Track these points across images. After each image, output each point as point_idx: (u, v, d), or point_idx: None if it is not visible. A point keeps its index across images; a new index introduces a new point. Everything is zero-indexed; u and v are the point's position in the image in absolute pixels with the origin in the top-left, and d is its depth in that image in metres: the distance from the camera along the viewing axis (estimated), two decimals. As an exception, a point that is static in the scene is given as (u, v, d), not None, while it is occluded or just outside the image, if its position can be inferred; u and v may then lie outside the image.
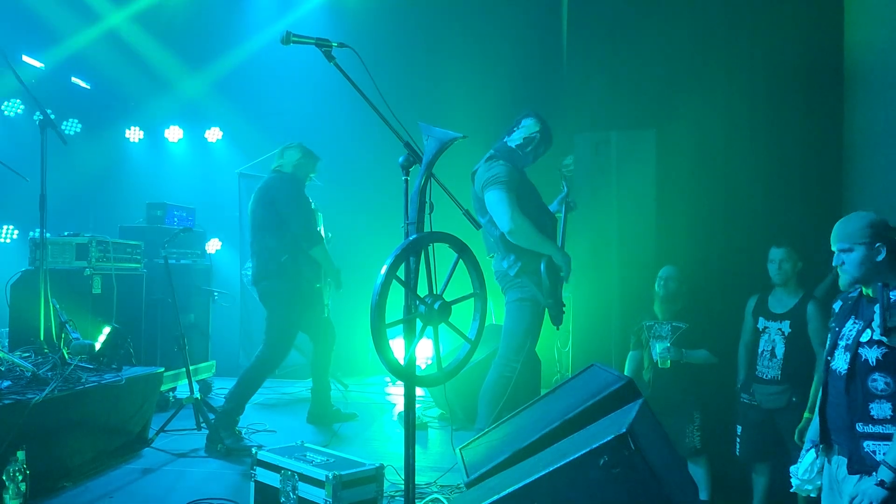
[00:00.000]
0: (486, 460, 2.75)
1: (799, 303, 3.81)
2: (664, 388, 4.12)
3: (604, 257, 5.23)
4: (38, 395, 3.42)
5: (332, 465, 3.04)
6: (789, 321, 3.80)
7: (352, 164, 7.41)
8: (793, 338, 3.76)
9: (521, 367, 4.09)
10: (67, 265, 4.98)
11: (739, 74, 4.91)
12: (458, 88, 7.11)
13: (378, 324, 2.25)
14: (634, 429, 2.03)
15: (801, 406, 3.59)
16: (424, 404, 5.74)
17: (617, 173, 5.26)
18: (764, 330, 3.90)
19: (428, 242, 2.45)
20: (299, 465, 3.05)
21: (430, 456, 4.62)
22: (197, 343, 6.02)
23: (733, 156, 4.92)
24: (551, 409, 2.92)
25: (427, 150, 2.49)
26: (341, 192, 7.14)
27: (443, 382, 2.50)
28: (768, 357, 3.84)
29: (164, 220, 6.05)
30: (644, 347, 4.34)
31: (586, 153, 5.46)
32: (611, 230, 5.25)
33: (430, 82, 7.36)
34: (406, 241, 2.38)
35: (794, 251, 3.88)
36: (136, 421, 4.37)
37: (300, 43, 2.65)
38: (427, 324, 2.42)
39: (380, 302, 2.25)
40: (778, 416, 3.77)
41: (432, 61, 7.46)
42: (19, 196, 5.21)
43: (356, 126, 6.68)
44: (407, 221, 2.47)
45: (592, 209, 5.35)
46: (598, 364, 3.25)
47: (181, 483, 3.75)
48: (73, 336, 4.31)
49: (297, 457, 3.14)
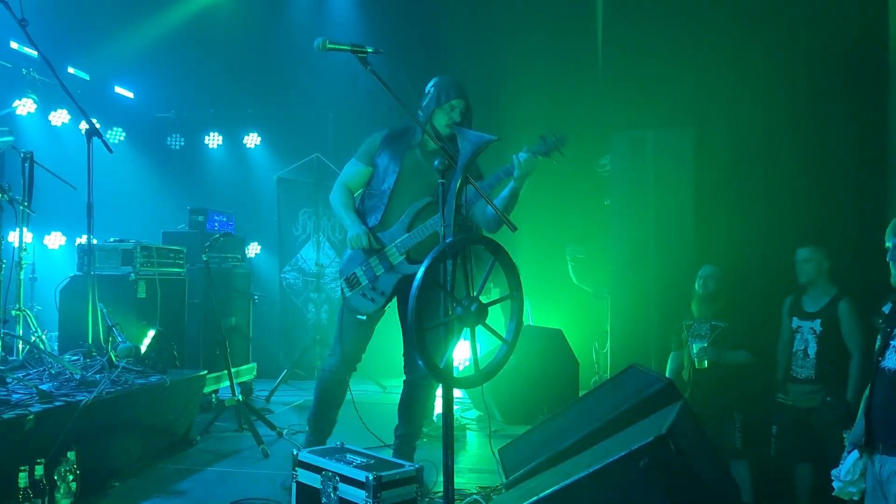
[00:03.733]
0: (524, 462, 2.76)
1: (830, 302, 3.76)
2: (704, 389, 4.07)
3: (641, 257, 5.19)
4: (87, 396, 3.51)
5: (372, 466, 3.07)
6: (820, 320, 3.76)
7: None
8: (825, 337, 3.72)
9: (337, 364, 3.79)
10: (113, 270, 5.11)
11: (780, 70, 4.82)
12: (492, 90, 7.11)
13: (416, 326, 2.27)
14: (675, 430, 2.02)
15: (835, 405, 3.55)
16: (462, 406, 5.74)
17: (654, 172, 5.22)
18: (798, 329, 3.85)
19: (464, 245, 2.46)
20: (340, 466, 3.08)
21: (469, 457, 4.62)
22: (238, 346, 6.12)
23: (774, 153, 4.83)
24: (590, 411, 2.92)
25: (462, 154, 2.50)
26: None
27: (480, 384, 2.50)
28: (801, 356, 3.80)
29: (205, 225, 6.17)
30: (684, 347, 4.30)
31: (623, 152, 5.42)
32: (648, 230, 5.21)
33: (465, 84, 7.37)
34: (443, 243, 2.39)
35: (818, 251, 3.82)
36: (181, 422, 4.46)
37: (336, 50, 2.69)
38: (464, 326, 2.43)
39: (417, 305, 2.27)
40: (812, 416, 3.73)
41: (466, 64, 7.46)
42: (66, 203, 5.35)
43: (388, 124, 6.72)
44: (443, 224, 2.48)
45: (629, 209, 5.31)
46: (636, 365, 3.23)
47: (225, 483, 3.82)
48: (120, 339, 4.42)
49: (337, 458, 3.17)
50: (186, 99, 8.11)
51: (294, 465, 3.29)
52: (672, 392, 2.67)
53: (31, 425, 3.13)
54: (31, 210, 4.42)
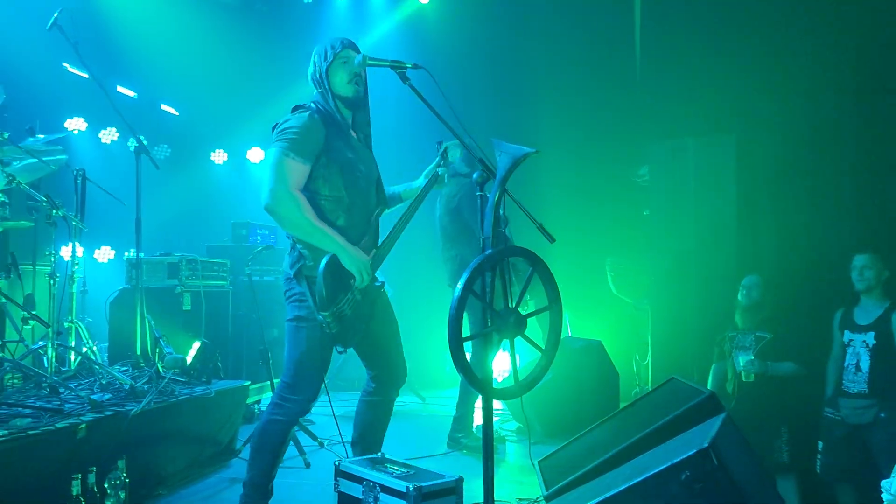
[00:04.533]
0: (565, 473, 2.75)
1: (884, 313, 3.66)
2: (749, 401, 4.00)
3: (682, 267, 5.13)
4: (135, 406, 3.61)
5: (412, 476, 3.09)
6: (874, 332, 3.65)
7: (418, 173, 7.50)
8: (878, 350, 3.61)
9: (295, 407, 3.00)
10: (160, 283, 5.24)
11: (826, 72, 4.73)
12: (530, 101, 7.12)
13: (456, 338, 2.29)
14: (717, 443, 1.99)
15: (889, 421, 3.44)
16: (502, 417, 5.73)
17: (695, 181, 5.17)
18: (849, 343, 3.75)
19: (503, 257, 2.48)
20: (381, 476, 3.11)
21: (509, 469, 4.61)
22: (280, 357, 6.19)
23: (819, 159, 4.74)
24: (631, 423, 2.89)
25: (500, 166, 2.52)
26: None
27: (519, 395, 2.51)
28: (853, 370, 3.70)
29: (248, 238, 6.29)
30: (727, 359, 4.23)
31: (662, 162, 5.38)
32: (689, 239, 5.16)
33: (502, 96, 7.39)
34: (481, 255, 2.41)
35: (878, 259, 3.72)
36: (225, 432, 4.54)
37: (375, 65, 2.74)
38: (503, 337, 2.44)
39: (457, 316, 2.29)
40: (865, 432, 3.61)
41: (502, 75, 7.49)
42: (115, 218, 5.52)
43: (427, 141, 6.76)
44: (482, 236, 2.50)
45: (670, 218, 5.26)
46: (678, 377, 3.19)
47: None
48: (167, 351, 4.53)
49: (378, 468, 3.20)
50: (229, 115, 8.29)
51: (336, 475, 3.33)
52: (714, 404, 2.64)
53: (82, 434, 3.23)
54: (83, 226, 4.56)
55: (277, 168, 2.80)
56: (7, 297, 4.13)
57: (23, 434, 3.02)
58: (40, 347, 4.27)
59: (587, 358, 5.34)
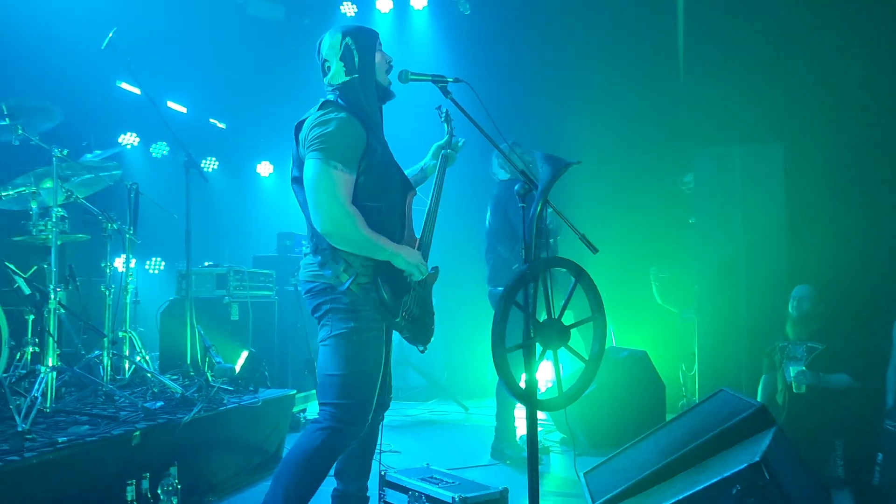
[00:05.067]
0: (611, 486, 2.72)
1: (947, 322, 3.54)
2: (801, 414, 3.91)
3: (730, 277, 5.06)
4: (187, 414, 3.70)
5: (457, 486, 3.10)
6: None
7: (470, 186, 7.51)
8: None
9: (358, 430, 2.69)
10: (209, 294, 5.36)
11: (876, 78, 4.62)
12: (571, 110, 7.09)
13: (499, 348, 2.30)
14: (769, 457, 1.96)
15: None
16: (546, 428, 5.70)
17: (742, 190, 5.10)
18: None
19: (545, 267, 2.48)
20: (426, 486, 3.13)
21: (553, 480, 4.58)
22: (325, 366, 6.27)
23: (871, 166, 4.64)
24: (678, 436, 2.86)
25: (542, 177, 2.53)
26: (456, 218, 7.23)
27: (564, 406, 2.50)
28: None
29: (293, 249, 6.40)
30: (777, 370, 4.14)
31: (708, 170, 5.32)
32: (737, 249, 5.08)
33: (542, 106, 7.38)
34: (524, 266, 2.42)
35: None
36: (272, 440, 4.62)
37: (417, 80, 2.77)
38: (546, 348, 2.44)
39: (500, 326, 2.29)
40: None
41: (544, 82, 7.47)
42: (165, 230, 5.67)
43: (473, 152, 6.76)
44: (524, 247, 2.50)
45: (716, 227, 5.19)
46: (726, 389, 3.14)
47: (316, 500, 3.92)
48: (216, 360, 4.63)
49: (423, 478, 3.22)
50: (275, 128, 8.45)
51: (381, 484, 3.36)
52: (765, 417, 2.58)
53: (137, 441, 3.32)
54: (136, 238, 4.70)
55: (327, 184, 2.55)
56: (65, 307, 4.27)
57: (81, 441, 3.12)
58: (96, 356, 4.40)
59: (632, 368, 5.28)
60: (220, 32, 7.47)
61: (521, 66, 7.58)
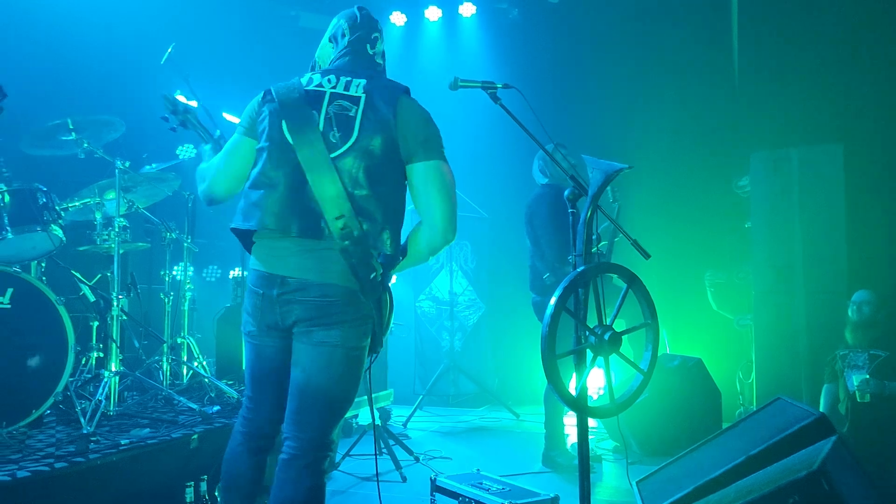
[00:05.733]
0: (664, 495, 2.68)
1: None
2: (864, 424, 3.79)
3: (787, 282, 4.94)
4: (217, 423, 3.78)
5: (507, 493, 3.10)
6: None
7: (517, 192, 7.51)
8: None
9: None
10: (262, 300, 5.46)
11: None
12: (623, 113, 7.02)
13: (549, 355, 2.29)
14: (828, 467, 1.90)
15: None
16: (598, 436, 5.64)
17: (799, 193, 4.98)
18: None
19: (596, 273, 2.46)
20: (477, 492, 3.13)
21: (605, 489, 4.52)
22: (376, 372, 6.30)
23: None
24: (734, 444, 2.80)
25: (592, 183, 2.51)
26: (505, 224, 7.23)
27: (615, 414, 2.48)
28: None
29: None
30: (839, 379, 4.02)
31: (764, 172, 5.21)
32: (794, 254, 4.96)
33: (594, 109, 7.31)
34: (574, 272, 2.41)
35: None
36: (325, 445, 4.68)
37: (467, 87, 2.79)
38: (597, 354, 2.42)
39: (550, 333, 2.29)
40: None
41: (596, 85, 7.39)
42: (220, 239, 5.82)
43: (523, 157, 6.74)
44: (574, 253, 2.49)
45: (773, 231, 5.08)
46: (784, 397, 3.06)
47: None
48: (271, 365, 4.72)
49: (473, 484, 3.23)
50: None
51: (432, 489, 3.37)
52: (825, 426, 2.51)
53: (195, 444, 3.42)
54: (194, 247, 4.84)
55: (454, 191, 2.36)
56: (127, 314, 4.43)
57: (143, 443, 3.23)
58: (156, 362, 4.55)
59: (686, 376, 5.19)
60: (274, 45, 7.64)
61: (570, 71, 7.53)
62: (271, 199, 2.25)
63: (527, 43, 7.74)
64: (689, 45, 6.99)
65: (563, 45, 7.59)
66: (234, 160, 2.42)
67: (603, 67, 7.32)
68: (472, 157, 7.78)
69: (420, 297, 7.66)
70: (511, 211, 7.20)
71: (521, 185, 6.60)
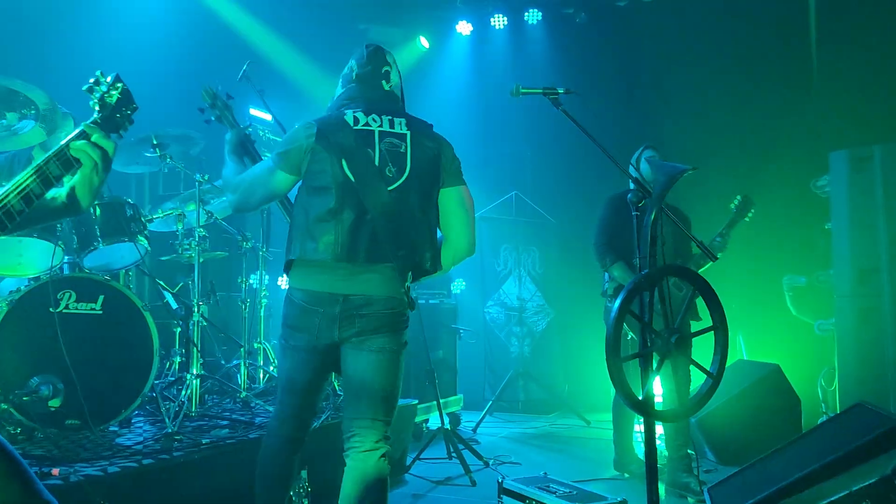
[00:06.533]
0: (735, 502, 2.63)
1: None
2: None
3: (872, 285, 4.75)
4: (316, 421, 3.89)
5: (574, 496, 3.09)
6: None
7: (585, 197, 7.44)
8: None
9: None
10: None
11: None
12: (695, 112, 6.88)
13: (613, 358, 2.29)
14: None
15: None
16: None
17: (883, 192, 4.80)
18: None
19: (662, 276, 2.45)
20: (543, 495, 3.14)
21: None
22: (445, 378, 6.39)
23: None
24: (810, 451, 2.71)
25: (656, 185, 2.50)
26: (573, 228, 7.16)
27: (682, 418, 2.45)
28: None
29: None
30: (928, 386, 3.83)
31: (844, 172, 5.03)
32: (879, 255, 4.77)
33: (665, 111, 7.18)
34: (639, 275, 2.40)
35: None
36: (396, 448, 4.75)
37: (529, 93, 2.81)
38: (664, 358, 2.40)
39: (615, 336, 2.28)
40: None
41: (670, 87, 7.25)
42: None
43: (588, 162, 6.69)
44: (639, 255, 2.48)
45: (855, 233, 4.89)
46: (865, 403, 2.94)
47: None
48: (342, 370, 4.84)
49: (540, 487, 3.24)
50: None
51: (499, 492, 3.40)
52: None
53: (270, 445, 3.53)
54: (269, 255, 5.02)
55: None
56: (207, 320, 4.63)
57: (222, 443, 3.38)
58: (234, 366, 4.73)
59: (762, 382, 5.04)
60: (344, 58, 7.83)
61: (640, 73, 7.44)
62: (339, 231, 2.52)
63: (595, 47, 7.68)
64: (763, 44, 6.80)
65: (632, 48, 7.50)
66: (267, 189, 2.70)
67: (674, 69, 7.19)
68: (539, 162, 7.78)
69: (489, 303, 7.70)
70: (577, 216, 7.16)
71: (588, 190, 6.57)
